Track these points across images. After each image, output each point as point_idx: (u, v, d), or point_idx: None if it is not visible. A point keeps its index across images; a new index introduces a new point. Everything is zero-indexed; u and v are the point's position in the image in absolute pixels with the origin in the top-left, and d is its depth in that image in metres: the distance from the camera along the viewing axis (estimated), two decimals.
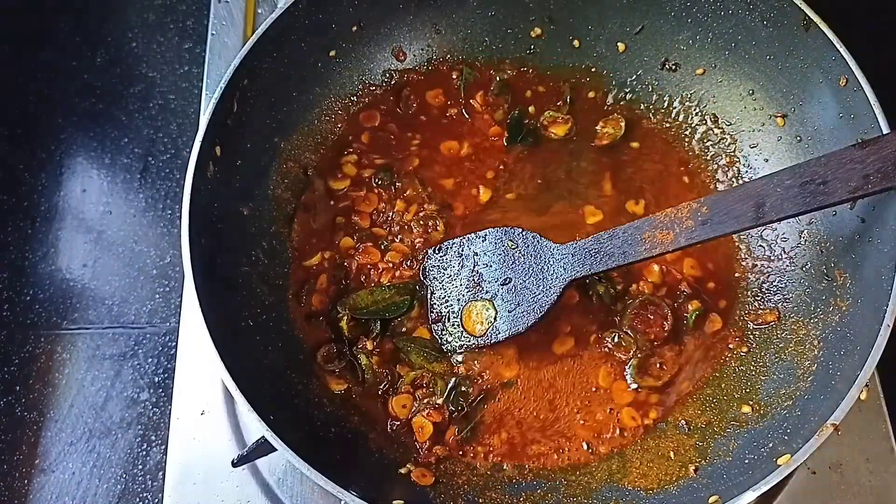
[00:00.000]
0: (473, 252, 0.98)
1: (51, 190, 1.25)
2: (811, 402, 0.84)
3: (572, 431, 0.94)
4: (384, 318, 0.98)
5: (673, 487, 0.87)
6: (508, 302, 0.94)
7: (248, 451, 0.86)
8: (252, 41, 0.95)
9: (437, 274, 0.99)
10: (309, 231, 1.03)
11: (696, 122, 1.09)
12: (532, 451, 0.93)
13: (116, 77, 1.32)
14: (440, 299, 0.98)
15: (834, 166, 0.79)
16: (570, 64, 1.13)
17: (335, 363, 0.96)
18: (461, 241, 0.99)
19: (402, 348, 0.97)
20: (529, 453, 0.93)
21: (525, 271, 0.94)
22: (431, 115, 1.11)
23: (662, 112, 1.10)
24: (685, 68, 1.08)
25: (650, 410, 0.94)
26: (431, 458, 0.91)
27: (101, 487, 1.09)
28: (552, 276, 0.93)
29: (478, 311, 0.96)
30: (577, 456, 0.93)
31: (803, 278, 0.96)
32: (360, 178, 1.07)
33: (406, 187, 1.05)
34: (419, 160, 1.08)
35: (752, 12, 0.98)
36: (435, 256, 1.00)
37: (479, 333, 0.95)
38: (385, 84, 1.12)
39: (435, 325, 0.97)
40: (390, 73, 1.12)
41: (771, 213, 0.81)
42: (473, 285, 0.97)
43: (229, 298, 0.92)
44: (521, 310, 0.94)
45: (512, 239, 0.95)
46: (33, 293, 1.19)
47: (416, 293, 0.99)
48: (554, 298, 0.92)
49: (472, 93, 1.11)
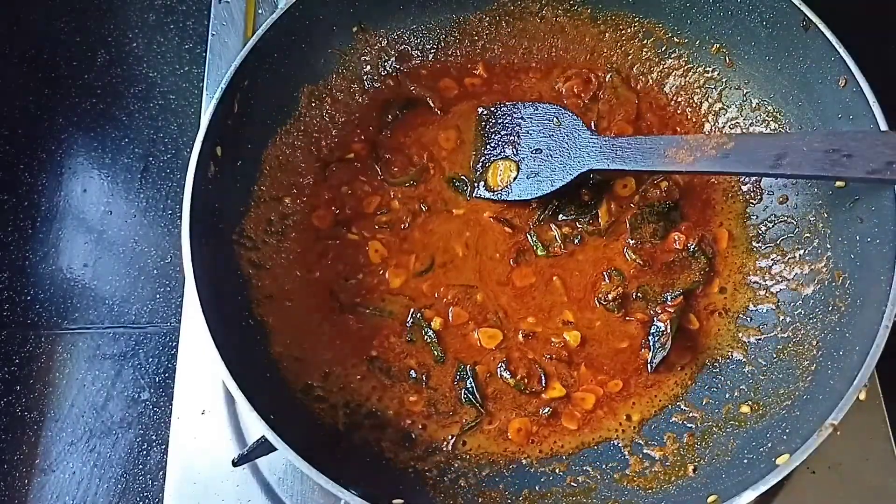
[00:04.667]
0: (521, 116, 1.06)
1: (51, 190, 1.25)
2: (810, 402, 0.84)
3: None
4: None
5: (672, 487, 0.88)
6: (531, 169, 1.03)
7: (249, 451, 0.86)
8: (252, 41, 0.95)
9: (486, 126, 1.08)
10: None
11: (695, 121, 1.09)
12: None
13: (117, 77, 1.32)
14: (479, 148, 1.07)
15: (864, 144, 0.81)
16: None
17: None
18: (515, 104, 1.08)
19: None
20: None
21: (556, 147, 1.02)
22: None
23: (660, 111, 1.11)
24: (685, 69, 1.09)
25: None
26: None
27: (102, 487, 1.09)
28: (577, 159, 1.00)
29: (503, 168, 1.04)
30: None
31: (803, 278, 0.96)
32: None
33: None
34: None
35: (752, 13, 0.98)
36: (489, 111, 1.09)
37: (496, 188, 1.04)
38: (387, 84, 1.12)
39: (474, 167, 1.07)
40: (392, 74, 1.12)
41: (788, 167, 0.84)
42: (509, 144, 1.05)
43: (230, 298, 0.92)
44: (537, 179, 1.02)
45: (558, 117, 1.02)
46: (34, 293, 1.19)
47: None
48: (568, 180, 0.99)
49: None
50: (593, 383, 0.97)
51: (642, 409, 0.96)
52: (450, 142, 1.09)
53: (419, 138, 1.09)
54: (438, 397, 0.97)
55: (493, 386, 0.97)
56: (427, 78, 1.12)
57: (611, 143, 0.98)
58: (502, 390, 0.97)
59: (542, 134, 1.04)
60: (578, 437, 0.95)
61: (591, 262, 1.02)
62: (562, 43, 1.13)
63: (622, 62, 1.12)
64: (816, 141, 0.84)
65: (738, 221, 1.03)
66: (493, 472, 0.93)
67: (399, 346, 0.99)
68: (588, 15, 1.11)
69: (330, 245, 1.04)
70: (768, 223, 1.01)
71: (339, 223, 1.05)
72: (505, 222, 1.04)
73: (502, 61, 1.13)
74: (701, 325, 0.99)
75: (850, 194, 0.91)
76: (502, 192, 1.04)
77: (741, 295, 1.00)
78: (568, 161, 1.00)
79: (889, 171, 0.79)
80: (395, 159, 1.08)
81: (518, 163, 1.04)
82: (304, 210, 1.04)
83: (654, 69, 1.11)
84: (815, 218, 0.96)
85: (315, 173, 1.06)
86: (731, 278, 1.01)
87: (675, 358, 0.97)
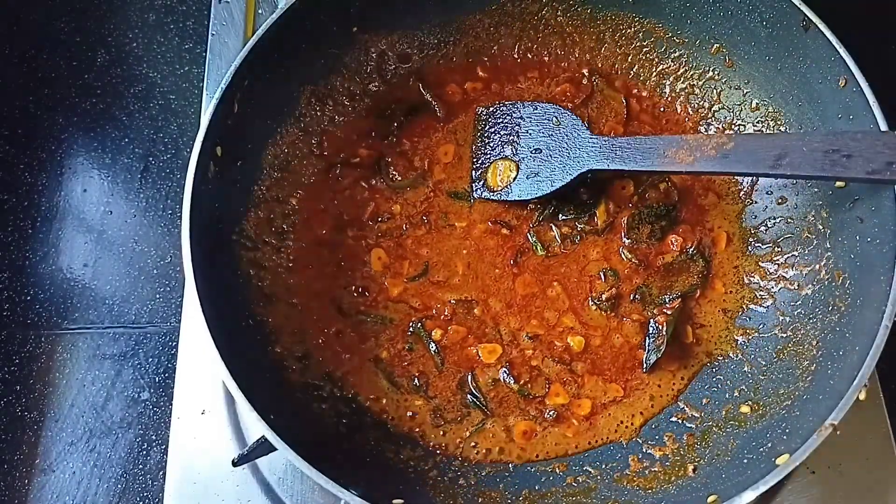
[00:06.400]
0: (521, 116, 1.05)
1: (51, 190, 1.25)
2: (810, 402, 0.84)
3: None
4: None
5: (672, 487, 0.88)
6: (531, 169, 1.03)
7: (249, 451, 0.86)
8: (252, 42, 0.95)
9: (484, 126, 1.08)
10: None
11: (695, 122, 1.09)
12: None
13: (117, 77, 1.32)
14: (479, 148, 1.07)
15: (864, 144, 0.81)
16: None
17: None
18: (514, 104, 1.08)
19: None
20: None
21: (556, 147, 1.02)
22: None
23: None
24: (685, 69, 1.09)
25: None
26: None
27: (102, 487, 1.09)
28: (576, 159, 1.00)
29: (502, 168, 1.04)
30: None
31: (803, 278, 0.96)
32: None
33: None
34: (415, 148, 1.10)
35: (752, 13, 0.98)
36: (488, 111, 1.09)
37: (495, 188, 1.03)
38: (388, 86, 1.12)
39: (473, 171, 1.07)
40: (392, 75, 1.12)
41: (788, 167, 0.84)
42: (508, 144, 1.04)
43: (230, 298, 0.92)
44: (537, 179, 1.02)
45: (557, 117, 1.03)
46: (34, 293, 1.19)
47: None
48: (568, 180, 0.99)
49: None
50: (595, 386, 0.97)
51: (642, 409, 0.96)
52: (448, 156, 1.09)
53: (422, 143, 1.10)
54: (442, 402, 0.97)
55: (497, 391, 0.97)
56: (429, 80, 1.12)
57: (610, 143, 0.98)
58: (506, 395, 0.97)
59: (541, 134, 1.04)
60: (580, 438, 0.95)
61: (589, 262, 1.02)
62: (562, 43, 1.13)
63: (622, 62, 1.12)
64: (816, 141, 0.84)
65: (736, 223, 1.03)
66: (493, 472, 0.93)
67: (401, 351, 0.99)
68: (588, 15, 1.11)
69: (331, 248, 1.04)
70: (768, 223, 1.01)
71: (340, 227, 1.05)
72: (503, 224, 1.04)
73: (502, 62, 1.13)
74: (700, 327, 0.99)
75: (850, 194, 0.91)
76: (502, 192, 1.04)
77: (740, 295, 1.00)
78: (567, 161, 1.00)
79: (889, 172, 0.79)
80: (398, 164, 1.08)
81: (518, 163, 1.04)
82: (306, 212, 1.04)
83: (653, 69, 1.11)
84: (815, 218, 0.96)
85: (317, 175, 1.06)
86: (731, 279, 1.01)
87: (674, 358, 0.97)
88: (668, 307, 0.98)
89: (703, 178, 1.06)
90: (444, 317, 1.00)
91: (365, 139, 1.09)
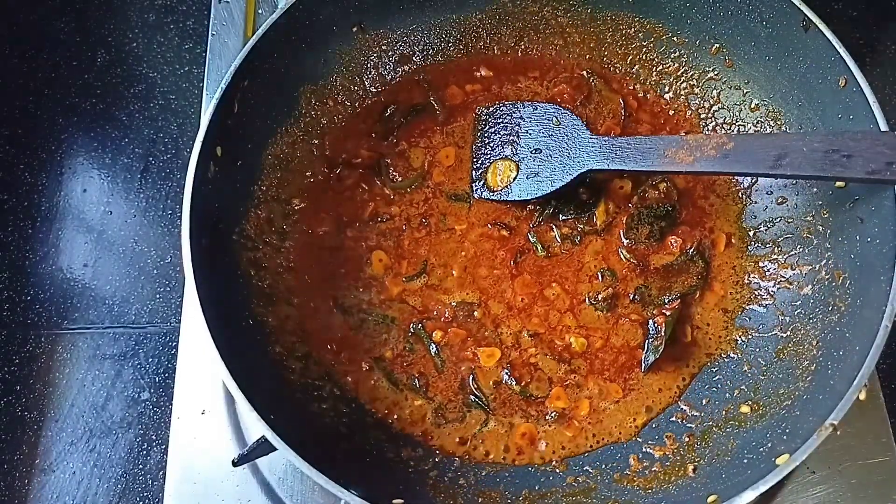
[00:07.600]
0: (521, 116, 1.05)
1: (51, 190, 1.25)
2: (810, 402, 0.84)
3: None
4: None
5: (672, 487, 0.88)
6: (531, 169, 1.03)
7: (249, 451, 0.86)
8: (252, 42, 0.95)
9: (484, 126, 1.08)
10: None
11: (695, 122, 1.09)
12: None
13: (117, 77, 1.32)
14: (479, 148, 1.07)
15: (864, 144, 0.81)
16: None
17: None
18: (514, 104, 1.07)
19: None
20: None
21: (556, 148, 1.02)
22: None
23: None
24: (685, 69, 1.09)
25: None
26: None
27: (102, 487, 1.09)
28: (576, 159, 1.00)
29: (502, 168, 1.04)
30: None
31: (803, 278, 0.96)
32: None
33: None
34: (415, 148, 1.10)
35: (752, 13, 0.98)
36: (488, 111, 1.08)
37: (496, 188, 1.03)
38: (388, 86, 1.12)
39: (473, 171, 1.07)
40: (393, 74, 1.12)
41: (788, 167, 0.84)
42: (508, 144, 1.04)
43: (230, 298, 0.92)
44: (537, 179, 1.02)
45: (557, 117, 1.03)
46: (34, 293, 1.19)
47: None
48: (568, 180, 0.99)
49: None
50: (595, 386, 0.97)
51: (642, 409, 0.96)
52: (450, 158, 1.09)
53: (422, 144, 1.09)
54: (443, 401, 0.97)
55: (499, 392, 0.97)
56: (430, 80, 1.12)
57: (610, 143, 0.98)
58: (508, 397, 0.97)
59: (541, 134, 1.04)
60: (580, 439, 0.95)
61: (589, 262, 1.02)
62: (562, 43, 1.13)
63: (622, 63, 1.12)
64: (816, 141, 0.84)
65: (736, 223, 1.03)
66: (493, 472, 0.93)
67: (402, 352, 0.99)
68: (588, 15, 1.11)
69: (330, 248, 1.04)
70: (768, 224, 1.01)
71: (340, 227, 1.05)
72: (503, 226, 1.04)
73: (502, 62, 1.13)
74: (699, 327, 0.99)
75: (850, 194, 0.91)
76: (502, 191, 1.04)
77: (740, 295, 1.00)
78: (567, 161, 1.00)
79: (889, 172, 0.79)
80: (397, 165, 1.08)
81: (518, 163, 1.04)
82: (306, 212, 1.05)
83: (653, 69, 1.11)
84: (815, 218, 0.96)
85: (317, 175, 1.06)
86: (730, 279, 1.01)
87: (673, 358, 0.97)
88: (667, 308, 0.98)
89: (704, 179, 1.06)
90: (445, 319, 1.00)
91: (365, 140, 1.09)
